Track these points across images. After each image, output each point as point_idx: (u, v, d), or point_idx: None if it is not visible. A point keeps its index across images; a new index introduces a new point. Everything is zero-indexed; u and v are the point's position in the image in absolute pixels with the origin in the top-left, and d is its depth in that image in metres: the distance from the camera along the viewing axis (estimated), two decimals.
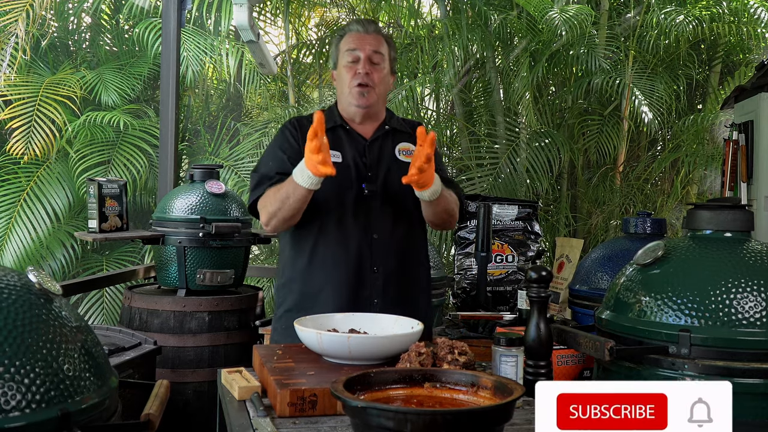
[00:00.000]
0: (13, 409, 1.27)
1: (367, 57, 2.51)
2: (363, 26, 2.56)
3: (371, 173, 2.54)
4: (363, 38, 2.53)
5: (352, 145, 2.57)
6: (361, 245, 2.48)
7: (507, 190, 6.75)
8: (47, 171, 7.37)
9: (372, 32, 2.55)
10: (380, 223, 2.51)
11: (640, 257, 2.04)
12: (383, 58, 2.55)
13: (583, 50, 6.83)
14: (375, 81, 2.52)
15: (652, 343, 1.85)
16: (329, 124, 2.54)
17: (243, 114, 9.06)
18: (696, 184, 7.74)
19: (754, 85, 5.04)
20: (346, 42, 2.55)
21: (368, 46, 2.52)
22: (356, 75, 2.51)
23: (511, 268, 3.89)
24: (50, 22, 8.26)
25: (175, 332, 3.69)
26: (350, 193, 2.50)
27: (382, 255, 2.50)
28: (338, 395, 1.34)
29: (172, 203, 3.90)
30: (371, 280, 2.49)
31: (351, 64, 2.52)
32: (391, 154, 2.60)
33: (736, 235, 2.00)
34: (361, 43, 2.52)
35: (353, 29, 2.57)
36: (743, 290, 1.81)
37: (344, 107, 2.60)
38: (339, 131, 2.58)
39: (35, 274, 1.52)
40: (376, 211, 2.52)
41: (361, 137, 2.59)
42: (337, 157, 2.50)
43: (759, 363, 1.75)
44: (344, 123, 2.59)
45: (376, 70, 2.53)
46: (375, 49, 2.52)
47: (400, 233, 2.56)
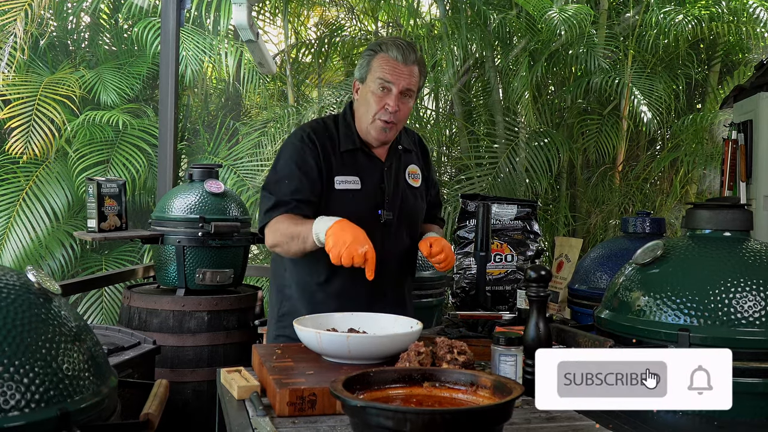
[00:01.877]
0: (12, 408, 1.27)
1: (400, 92, 2.39)
2: (402, 55, 2.39)
3: (388, 200, 2.51)
4: (399, 70, 2.39)
5: (371, 170, 2.51)
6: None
7: (506, 190, 6.75)
8: (46, 170, 7.36)
9: (410, 63, 2.41)
10: (392, 248, 2.50)
11: (639, 257, 2.04)
12: (413, 93, 2.45)
13: (583, 50, 6.84)
14: (400, 118, 2.43)
15: (651, 343, 1.85)
16: (347, 146, 2.48)
17: (242, 113, 9.06)
18: (695, 183, 7.74)
19: (753, 84, 5.04)
20: (381, 67, 2.40)
21: (403, 82, 2.39)
22: (383, 110, 2.40)
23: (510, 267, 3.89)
24: (49, 21, 8.25)
25: (175, 332, 3.69)
26: (368, 220, 2.43)
27: (391, 280, 2.53)
28: (337, 395, 1.34)
29: (171, 203, 3.90)
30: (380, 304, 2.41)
31: (381, 94, 2.40)
32: (403, 179, 2.58)
33: (735, 235, 2.01)
34: (397, 76, 2.39)
35: (392, 55, 2.40)
36: (742, 290, 1.81)
37: (362, 129, 2.49)
38: (359, 154, 2.50)
39: (34, 273, 1.52)
40: (389, 237, 2.51)
41: (378, 160, 2.53)
42: (356, 183, 2.47)
43: (758, 362, 1.76)
44: (363, 146, 2.50)
45: (405, 106, 2.43)
46: (408, 86, 2.40)
47: (404, 257, 2.61)
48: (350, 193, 2.46)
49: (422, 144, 2.75)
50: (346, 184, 2.46)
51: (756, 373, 1.75)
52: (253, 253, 7.92)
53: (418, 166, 2.65)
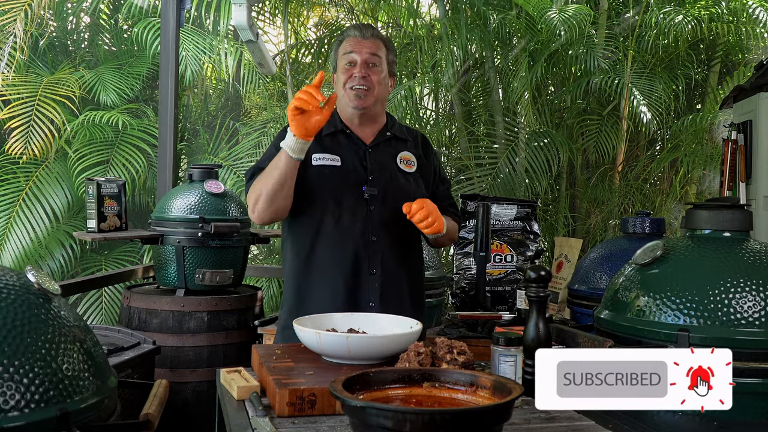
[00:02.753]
0: (12, 408, 1.27)
1: (364, 61, 2.53)
2: (360, 31, 2.58)
3: (372, 177, 2.54)
4: (360, 42, 2.55)
5: (352, 149, 2.58)
6: (359, 247, 2.48)
7: (506, 190, 6.75)
8: (46, 171, 7.36)
9: (369, 37, 2.57)
10: (379, 226, 2.51)
11: (639, 257, 2.04)
12: (380, 61, 2.56)
13: (582, 50, 6.84)
14: (372, 82, 2.54)
15: (650, 343, 1.85)
16: (329, 129, 2.57)
17: (242, 114, 9.06)
18: (695, 183, 7.74)
19: (753, 84, 5.05)
20: (344, 47, 2.57)
21: (365, 50, 2.54)
22: (352, 77, 2.53)
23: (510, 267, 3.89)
24: (49, 21, 8.25)
25: (174, 332, 3.69)
26: (349, 195, 2.51)
27: (380, 257, 2.51)
28: (337, 395, 1.34)
29: (171, 203, 3.90)
30: (369, 282, 2.49)
31: (348, 67, 2.54)
32: (392, 162, 2.61)
33: (735, 235, 2.01)
34: (358, 47, 2.54)
35: (351, 34, 2.59)
36: (742, 290, 1.81)
37: (342, 109, 2.61)
38: (339, 136, 2.59)
39: (34, 273, 1.52)
40: (375, 215, 2.52)
41: (361, 142, 2.59)
42: (335, 160, 2.54)
43: (758, 362, 1.76)
44: (345, 127, 2.60)
45: (373, 72, 2.54)
46: (372, 52, 2.54)
47: (398, 236, 2.57)
48: (327, 169, 2.52)
49: (425, 141, 2.77)
50: (323, 161, 2.53)
51: (756, 373, 1.75)
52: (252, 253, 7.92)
53: (414, 154, 2.67)
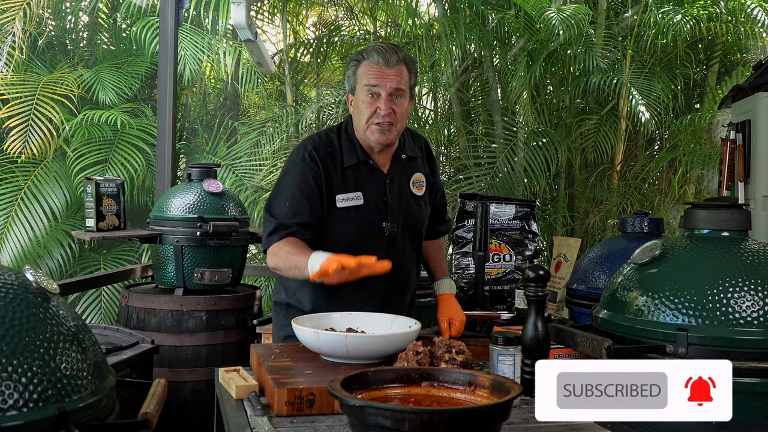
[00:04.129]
0: (10, 408, 1.27)
1: (389, 95, 2.37)
2: (384, 58, 2.37)
3: (392, 212, 2.50)
4: (384, 74, 2.37)
5: (374, 183, 2.50)
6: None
7: (504, 190, 6.75)
8: (44, 170, 7.35)
9: (394, 65, 2.38)
10: (397, 259, 2.44)
11: (638, 256, 2.04)
12: (404, 92, 2.41)
13: (581, 50, 6.84)
14: (397, 117, 2.40)
15: (649, 342, 1.85)
16: (351, 161, 2.47)
17: (240, 113, 9.06)
18: (693, 183, 7.75)
19: (751, 84, 5.05)
20: (366, 74, 2.39)
21: (389, 84, 2.36)
22: (375, 114, 2.38)
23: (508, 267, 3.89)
24: (47, 20, 8.24)
25: (173, 331, 3.69)
26: (371, 233, 2.47)
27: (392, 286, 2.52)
28: (336, 394, 1.34)
29: (169, 202, 3.90)
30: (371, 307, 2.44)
31: (371, 100, 2.38)
32: (407, 188, 2.57)
33: (734, 235, 2.01)
34: (383, 80, 2.37)
35: (374, 60, 2.38)
36: (740, 289, 1.81)
37: (362, 138, 2.48)
38: (361, 168, 2.50)
39: (32, 273, 1.51)
40: (395, 248, 2.51)
41: (380, 172, 2.52)
42: (358, 199, 2.47)
43: (756, 362, 1.76)
44: (367, 157, 2.49)
45: (398, 105, 2.40)
46: (396, 86, 2.38)
47: (412, 266, 2.62)
48: (352, 211, 2.46)
49: (428, 148, 2.72)
50: (348, 201, 2.45)
51: (754, 372, 1.75)
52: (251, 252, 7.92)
53: (423, 173, 2.63)
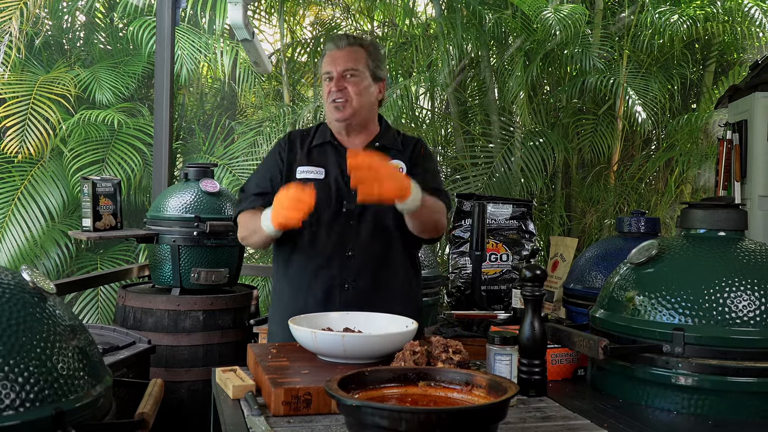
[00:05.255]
0: (7, 408, 1.27)
1: (340, 74, 2.53)
2: (335, 43, 2.59)
3: (352, 191, 2.47)
4: (335, 56, 2.57)
5: (337, 161, 2.57)
6: (333, 263, 2.50)
7: (501, 189, 6.76)
8: (41, 170, 7.34)
9: (344, 47, 2.57)
10: (356, 241, 2.51)
11: (634, 256, 2.05)
12: (359, 71, 2.55)
13: (578, 49, 6.84)
14: (350, 94, 2.53)
15: (646, 342, 1.86)
16: (319, 140, 2.62)
17: (237, 113, 9.05)
18: (690, 183, 7.75)
19: (748, 84, 5.06)
20: (323, 62, 2.60)
21: (339, 64, 2.54)
22: (330, 92, 2.55)
23: (505, 266, 3.89)
24: (44, 20, 8.23)
25: (170, 331, 3.69)
26: (328, 210, 2.52)
27: (354, 272, 2.50)
28: (333, 394, 1.34)
29: (166, 202, 3.90)
30: (342, 296, 2.49)
31: (327, 82, 2.57)
32: None
33: (730, 234, 2.01)
34: (334, 62, 2.55)
35: (327, 48, 2.61)
36: (737, 289, 1.82)
37: (329, 123, 2.64)
38: (326, 147, 2.62)
39: (29, 272, 1.51)
40: (352, 229, 2.52)
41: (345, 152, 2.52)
42: (319, 173, 2.56)
43: (752, 362, 1.76)
44: (333, 139, 2.62)
45: (351, 83, 2.54)
46: (347, 66, 2.54)
47: (376, 251, 2.55)
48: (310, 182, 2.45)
49: (417, 146, 2.69)
50: (306, 174, 2.56)
51: (750, 372, 1.76)
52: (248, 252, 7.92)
53: (402, 161, 2.61)
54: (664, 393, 1.83)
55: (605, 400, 1.90)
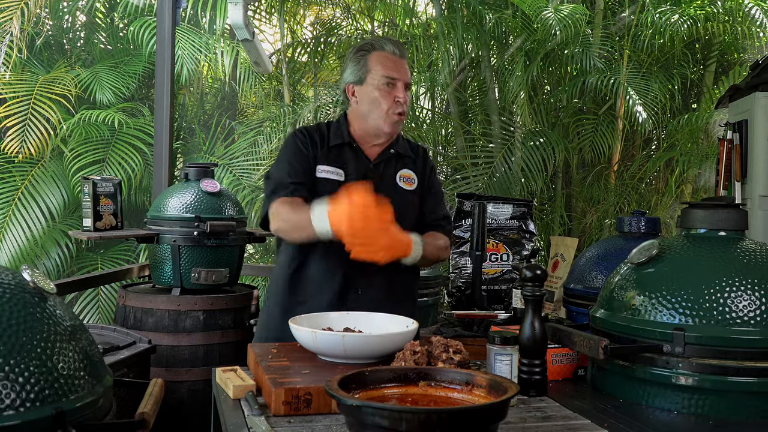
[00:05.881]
0: (7, 407, 1.27)
1: (404, 85, 2.49)
2: (399, 49, 2.52)
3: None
4: (400, 64, 2.51)
5: (357, 165, 2.55)
6: (347, 266, 2.42)
7: (502, 189, 6.76)
8: (42, 170, 7.35)
9: (403, 57, 2.53)
10: None
11: (635, 256, 2.04)
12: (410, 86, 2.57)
13: (578, 49, 6.84)
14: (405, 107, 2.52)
15: (646, 342, 1.86)
16: (336, 141, 2.56)
17: (238, 113, 9.06)
18: (690, 183, 7.75)
19: (748, 84, 5.06)
20: (382, 63, 2.50)
21: (405, 75, 2.50)
22: (396, 103, 2.48)
23: (505, 266, 3.89)
24: (45, 20, 8.24)
25: (170, 331, 3.69)
26: None
27: (367, 278, 2.47)
28: (333, 394, 1.34)
29: (166, 202, 3.90)
30: (354, 301, 2.46)
31: (388, 89, 2.48)
32: (392, 180, 2.59)
33: (731, 234, 2.01)
34: (399, 70, 2.49)
35: (388, 50, 2.51)
36: (737, 289, 1.82)
37: (368, 128, 2.56)
38: (345, 149, 2.57)
39: (29, 272, 1.51)
40: None
41: (366, 158, 2.57)
42: (339, 175, 2.52)
43: (753, 361, 1.76)
44: (352, 141, 2.57)
45: (406, 95, 2.52)
46: (409, 79, 2.53)
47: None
48: (331, 183, 2.49)
49: (426, 155, 2.72)
50: (327, 174, 2.51)
51: (750, 372, 1.76)
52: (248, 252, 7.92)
53: (414, 172, 2.64)
54: (664, 393, 1.83)
55: (605, 400, 1.90)
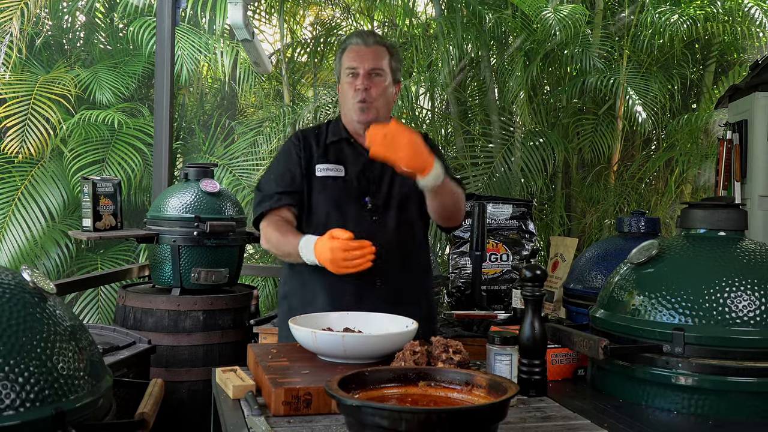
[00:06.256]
0: (7, 408, 1.27)
1: (366, 73, 2.51)
2: (362, 39, 2.56)
3: (373, 187, 2.55)
4: (362, 53, 2.53)
5: (355, 159, 2.57)
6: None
7: (501, 189, 6.75)
8: (41, 170, 7.34)
9: (372, 44, 2.55)
10: (383, 236, 2.48)
11: (634, 256, 2.05)
12: (383, 71, 2.54)
13: (578, 49, 6.84)
14: (374, 96, 2.51)
15: (646, 342, 1.86)
16: (334, 137, 2.59)
17: (238, 113, 9.05)
18: (690, 183, 7.75)
19: (748, 84, 5.06)
20: (347, 56, 2.55)
21: (367, 63, 2.51)
22: (356, 91, 2.51)
23: (505, 267, 3.89)
24: (45, 20, 8.23)
25: (170, 331, 3.69)
26: (352, 207, 2.51)
27: (385, 269, 2.45)
28: (333, 394, 1.34)
29: (166, 202, 3.90)
30: (374, 292, 2.47)
31: (351, 80, 2.53)
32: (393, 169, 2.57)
33: (730, 234, 2.01)
34: (360, 59, 2.52)
35: (353, 42, 2.56)
36: (737, 289, 1.82)
37: (348, 121, 2.62)
38: (343, 144, 2.60)
39: (29, 272, 1.51)
40: (378, 225, 2.51)
41: (364, 151, 2.53)
42: (339, 171, 2.55)
43: (752, 362, 1.76)
44: (349, 136, 2.60)
45: (375, 84, 2.52)
46: (373, 66, 2.52)
47: (404, 243, 2.57)
48: (331, 180, 2.53)
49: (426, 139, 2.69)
50: (327, 171, 2.55)
51: (750, 372, 1.76)
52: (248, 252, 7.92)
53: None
54: (664, 393, 1.83)
55: (605, 400, 1.90)
